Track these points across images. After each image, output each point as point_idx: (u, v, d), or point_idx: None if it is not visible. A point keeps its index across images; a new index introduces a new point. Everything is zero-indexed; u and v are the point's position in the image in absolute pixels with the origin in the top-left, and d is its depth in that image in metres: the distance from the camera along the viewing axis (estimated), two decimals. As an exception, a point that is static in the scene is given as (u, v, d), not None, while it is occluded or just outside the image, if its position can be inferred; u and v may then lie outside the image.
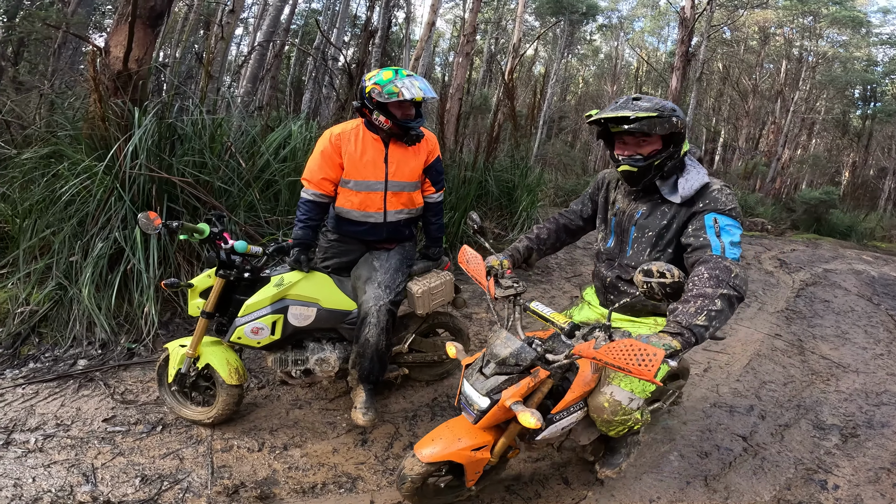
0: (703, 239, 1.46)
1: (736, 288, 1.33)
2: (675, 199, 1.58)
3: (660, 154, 1.54)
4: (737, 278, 1.34)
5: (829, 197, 12.48)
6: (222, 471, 1.95)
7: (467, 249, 1.75)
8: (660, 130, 1.47)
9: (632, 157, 1.55)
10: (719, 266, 1.36)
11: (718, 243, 1.43)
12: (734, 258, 1.40)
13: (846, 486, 2.27)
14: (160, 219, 1.84)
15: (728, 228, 1.46)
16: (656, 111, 1.46)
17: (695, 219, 1.53)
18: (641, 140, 1.54)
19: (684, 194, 1.55)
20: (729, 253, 1.41)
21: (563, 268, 4.98)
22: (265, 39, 8.08)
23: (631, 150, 1.56)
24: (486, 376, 1.47)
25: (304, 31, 16.65)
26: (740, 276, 1.35)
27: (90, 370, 2.44)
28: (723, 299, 1.30)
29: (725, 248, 1.42)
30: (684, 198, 1.55)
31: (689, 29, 8.41)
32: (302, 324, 2.08)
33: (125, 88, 2.89)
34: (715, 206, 1.51)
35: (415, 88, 2.03)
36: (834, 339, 4.09)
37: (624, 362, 1.13)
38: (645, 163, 1.54)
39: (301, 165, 3.47)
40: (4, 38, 7.37)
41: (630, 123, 1.47)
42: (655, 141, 1.54)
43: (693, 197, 1.56)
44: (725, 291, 1.31)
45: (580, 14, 16.67)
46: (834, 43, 17.92)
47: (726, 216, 1.49)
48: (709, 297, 1.29)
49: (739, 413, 2.78)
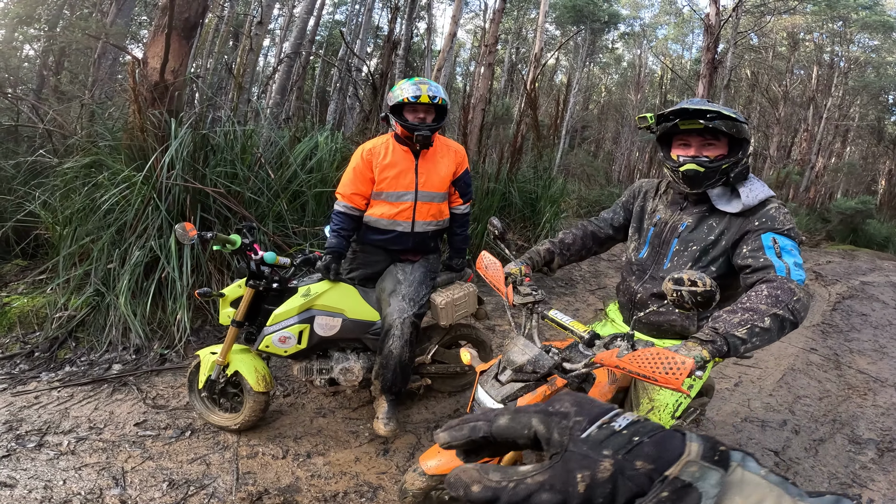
0: (763, 259, 1.36)
1: (794, 312, 1.23)
2: (731, 208, 1.48)
3: (727, 159, 1.46)
4: (798, 302, 1.25)
5: (865, 206, 12.01)
6: (247, 477, 1.98)
7: (486, 255, 1.72)
8: (735, 133, 1.41)
9: (696, 157, 1.47)
10: (783, 287, 1.27)
11: (782, 264, 1.34)
12: (800, 281, 1.30)
13: (881, 500, 2.20)
14: (195, 229, 1.91)
15: (789, 249, 1.37)
16: (734, 113, 1.41)
17: (750, 237, 1.43)
18: (707, 142, 1.47)
19: (747, 202, 1.45)
20: (794, 275, 1.31)
21: (587, 280, 4.92)
22: (293, 51, 8.28)
23: (695, 151, 1.49)
24: (501, 383, 1.43)
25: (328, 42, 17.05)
26: (803, 300, 1.26)
27: (124, 375, 2.51)
28: (774, 319, 1.21)
29: (791, 269, 1.32)
30: (746, 206, 1.45)
31: (715, 36, 8.26)
32: (327, 334, 2.11)
33: (162, 99, 2.97)
34: (773, 224, 1.42)
35: (419, 89, 2.08)
36: (871, 353, 3.95)
37: (650, 370, 1.07)
38: (712, 165, 1.45)
39: (327, 176, 3.54)
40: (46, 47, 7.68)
41: (708, 120, 1.40)
42: (722, 145, 1.47)
43: (751, 210, 1.47)
44: (780, 312, 1.22)
45: (602, 23, 16.60)
46: (865, 48, 17.33)
47: (785, 237, 1.40)
48: (759, 313, 1.21)
49: (772, 427, 2.70)
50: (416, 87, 2.09)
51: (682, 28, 22.30)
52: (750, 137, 1.47)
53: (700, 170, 1.46)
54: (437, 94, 2.11)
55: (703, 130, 1.45)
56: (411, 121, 2.14)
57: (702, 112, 1.41)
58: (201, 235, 1.90)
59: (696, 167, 1.46)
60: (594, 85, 24.33)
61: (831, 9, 15.34)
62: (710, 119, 1.40)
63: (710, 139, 1.47)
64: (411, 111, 2.14)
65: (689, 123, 1.44)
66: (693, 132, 1.48)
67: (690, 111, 1.42)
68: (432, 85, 2.12)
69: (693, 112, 1.42)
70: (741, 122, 1.41)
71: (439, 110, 2.19)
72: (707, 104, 1.43)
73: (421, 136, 2.14)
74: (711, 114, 1.39)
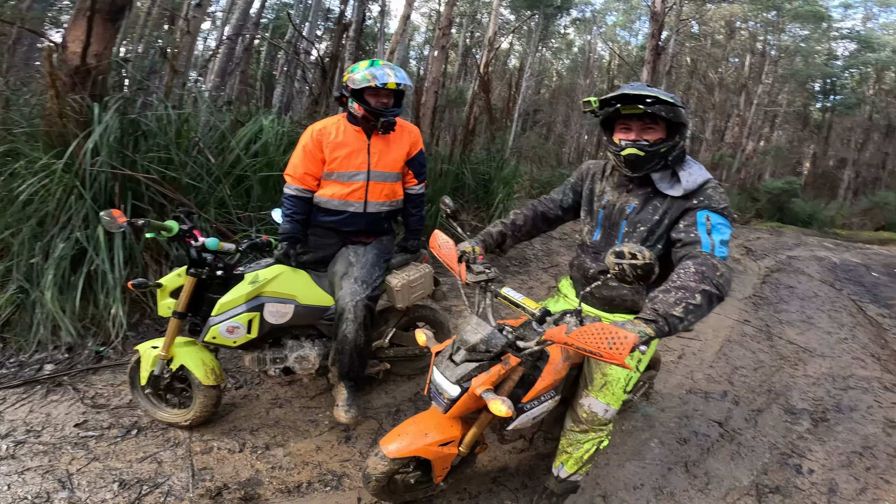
0: (693, 235, 1.45)
1: (718, 287, 1.32)
2: (674, 192, 1.54)
3: (665, 142, 1.51)
4: (721, 277, 1.33)
5: (790, 187, 13.02)
6: (203, 473, 1.91)
7: (439, 234, 1.71)
8: (673, 118, 1.46)
9: (637, 141, 1.52)
10: (707, 263, 1.35)
11: (709, 241, 1.42)
12: (722, 257, 1.40)
13: (820, 470, 2.33)
14: (124, 216, 1.77)
15: (719, 227, 1.45)
16: (672, 98, 1.45)
17: (687, 214, 1.51)
18: (647, 126, 1.52)
19: (688, 187, 1.52)
20: (718, 251, 1.40)
21: (539, 259, 5.03)
22: (234, 33, 7.85)
23: (636, 135, 1.53)
24: (455, 363, 1.43)
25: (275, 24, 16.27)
26: (725, 275, 1.35)
27: (57, 375, 2.35)
28: (703, 295, 1.29)
29: (715, 245, 1.41)
30: (687, 190, 1.52)
31: (660, 23, 8.56)
32: (279, 321, 2.05)
33: (84, 84, 2.78)
34: (709, 203, 1.50)
35: (387, 75, 2.05)
36: (800, 323, 4.24)
37: (595, 346, 1.11)
38: (651, 148, 1.50)
39: (273, 160, 3.41)
40: None
41: (647, 105, 1.44)
42: (661, 129, 1.52)
43: (692, 192, 1.54)
44: (708, 288, 1.30)
45: (554, 7, 16.81)
46: (796, 37, 18.57)
47: (719, 215, 1.48)
48: (690, 291, 1.29)
49: (714, 399, 2.85)
50: (383, 73, 2.05)
51: (630, 15, 22.98)
52: (687, 122, 1.52)
53: (640, 154, 1.51)
54: (403, 80, 2.09)
55: (643, 115, 1.49)
56: (374, 105, 2.10)
57: (641, 97, 1.45)
58: (132, 223, 1.77)
59: (637, 151, 1.51)
60: (546, 69, 24.69)
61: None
62: (649, 104, 1.44)
63: (650, 123, 1.51)
64: (374, 95, 2.10)
65: (630, 108, 1.48)
66: (634, 116, 1.52)
67: (631, 96, 1.46)
68: (398, 70, 2.10)
69: (633, 97, 1.46)
70: (678, 106, 1.46)
71: (399, 95, 2.18)
72: (646, 89, 1.47)
73: (387, 122, 2.12)
74: (650, 98, 1.44)
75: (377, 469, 1.55)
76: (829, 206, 15.15)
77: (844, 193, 18.99)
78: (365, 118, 2.13)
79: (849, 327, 4.24)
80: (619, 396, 1.67)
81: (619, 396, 1.67)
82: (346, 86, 2.12)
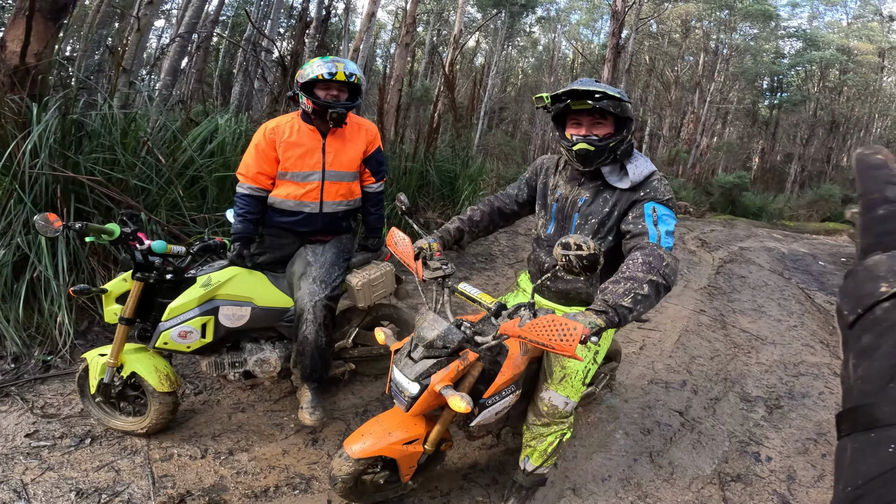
0: (641, 226, 1.49)
1: (665, 277, 1.36)
2: (622, 184, 1.59)
3: (613, 137, 1.56)
4: (667, 267, 1.37)
5: (741, 181, 13.65)
6: (164, 480, 1.86)
7: (396, 232, 1.71)
8: (620, 113, 1.51)
9: (587, 136, 1.56)
10: (653, 254, 1.39)
11: (655, 232, 1.46)
12: (668, 247, 1.44)
13: (778, 457, 2.39)
14: (60, 220, 1.69)
15: (664, 218, 1.50)
16: (618, 93, 1.49)
17: (635, 207, 1.56)
18: (596, 122, 1.56)
19: (634, 179, 1.57)
20: (664, 242, 1.44)
21: (505, 254, 5.10)
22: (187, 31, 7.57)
23: (586, 130, 1.57)
24: (414, 361, 1.44)
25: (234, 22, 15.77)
26: (671, 265, 1.38)
27: (4, 385, 2.24)
28: (651, 285, 1.32)
29: (661, 237, 1.45)
30: (634, 183, 1.57)
31: (620, 22, 8.80)
32: (236, 324, 2.00)
33: (23, 84, 2.68)
34: (655, 195, 1.55)
35: (335, 66, 2.02)
36: (751, 312, 4.38)
37: (546, 338, 1.13)
38: (601, 143, 1.54)
39: (230, 160, 3.32)
40: None
41: (595, 100, 1.48)
42: (609, 124, 1.56)
43: (639, 184, 1.59)
44: (654, 278, 1.33)
45: (520, 6, 17.00)
46: (746, 36, 19.42)
47: (664, 206, 1.53)
48: (638, 281, 1.32)
49: (674, 388, 2.90)
50: (331, 64, 2.03)
51: (593, 14, 23.51)
52: (633, 116, 1.57)
53: (591, 149, 1.55)
54: (353, 72, 2.06)
55: (592, 110, 1.53)
56: (324, 98, 2.06)
57: (590, 93, 1.49)
58: (69, 226, 1.69)
59: (588, 146, 1.55)
60: (512, 67, 24.97)
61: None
62: (597, 99, 1.48)
63: (599, 118, 1.56)
64: (324, 88, 2.06)
65: (580, 104, 1.52)
66: (583, 112, 1.56)
67: (580, 92, 1.50)
68: (348, 63, 2.07)
69: (582, 92, 1.50)
70: (625, 101, 1.51)
71: (354, 89, 2.14)
72: (594, 84, 1.51)
73: (336, 114, 2.07)
74: (599, 94, 1.48)
75: (342, 470, 1.55)
76: (777, 198, 15.91)
77: (791, 187, 20.00)
78: (316, 112, 2.08)
79: (798, 315, 4.40)
80: (578, 389, 1.70)
81: (578, 389, 1.70)
82: (297, 81, 2.09)
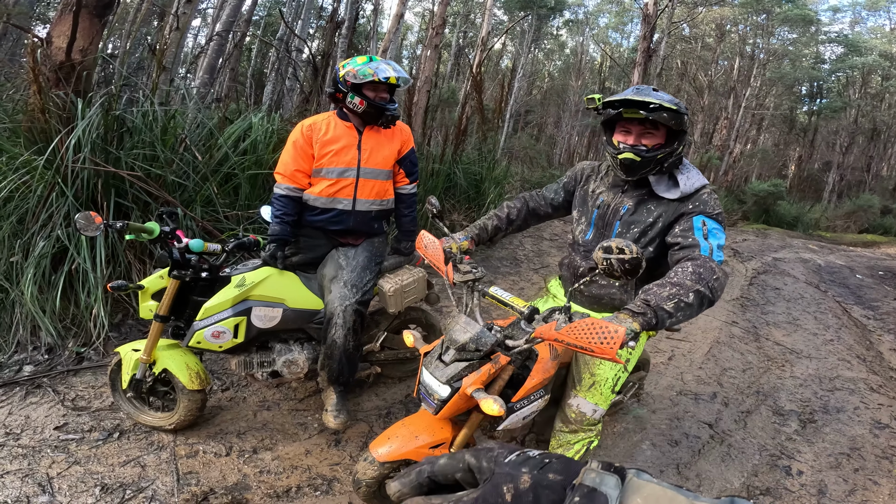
0: (691, 239, 1.46)
1: (712, 290, 1.33)
2: (670, 195, 1.56)
3: (663, 149, 1.52)
4: (717, 281, 1.35)
5: (776, 189, 13.19)
6: (189, 477, 1.87)
7: (426, 234, 1.70)
8: (673, 125, 1.47)
9: (635, 146, 1.53)
10: (705, 266, 1.36)
11: (707, 245, 1.44)
12: (719, 261, 1.42)
13: (809, 471, 2.34)
14: (101, 217, 1.72)
15: (714, 232, 1.48)
16: (676, 105, 1.46)
17: (683, 219, 1.53)
18: (647, 131, 1.53)
19: (685, 191, 1.54)
20: (716, 256, 1.42)
21: (530, 259, 5.03)
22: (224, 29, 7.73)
23: (634, 139, 1.54)
24: (445, 363, 1.41)
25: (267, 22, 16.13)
26: (721, 280, 1.36)
27: (37, 376, 2.29)
28: (696, 295, 1.30)
29: (713, 250, 1.43)
30: (684, 194, 1.54)
31: (652, 25, 8.62)
32: (267, 325, 2.00)
33: (68, 80, 2.74)
34: (704, 208, 1.52)
35: (388, 70, 2.08)
36: (786, 325, 4.27)
37: (586, 341, 1.11)
38: (649, 154, 1.52)
39: (262, 158, 3.36)
40: None
41: (650, 111, 1.45)
42: (660, 135, 1.53)
43: (688, 196, 1.56)
44: (702, 289, 1.31)
45: (548, 9, 16.84)
46: (784, 41, 18.82)
47: (713, 220, 1.50)
48: (685, 289, 1.30)
49: (704, 400, 2.86)
50: (383, 67, 2.08)
51: (622, 17, 23.14)
52: (687, 129, 1.53)
53: (637, 159, 1.52)
54: (402, 75, 2.12)
55: (645, 119, 1.49)
56: (373, 99, 2.11)
57: (645, 103, 1.45)
58: (110, 224, 1.71)
59: (633, 157, 1.52)
60: (538, 70, 24.78)
61: (758, 1, 16.45)
62: (651, 110, 1.44)
63: (650, 128, 1.52)
64: (373, 90, 2.11)
65: (632, 112, 1.49)
66: (635, 121, 1.53)
67: (634, 102, 1.46)
68: (396, 66, 2.14)
69: (637, 102, 1.46)
70: (682, 113, 1.47)
71: (392, 90, 2.20)
72: (652, 95, 1.47)
73: (391, 115, 2.15)
74: (654, 105, 1.44)
75: (367, 474, 1.52)
76: (813, 208, 15.39)
77: (829, 196, 19.30)
78: (366, 113, 2.13)
79: (834, 329, 4.27)
80: (607, 396, 1.67)
81: (607, 396, 1.67)
82: (343, 80, 2.11)
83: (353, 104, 2.12)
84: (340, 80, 2.12)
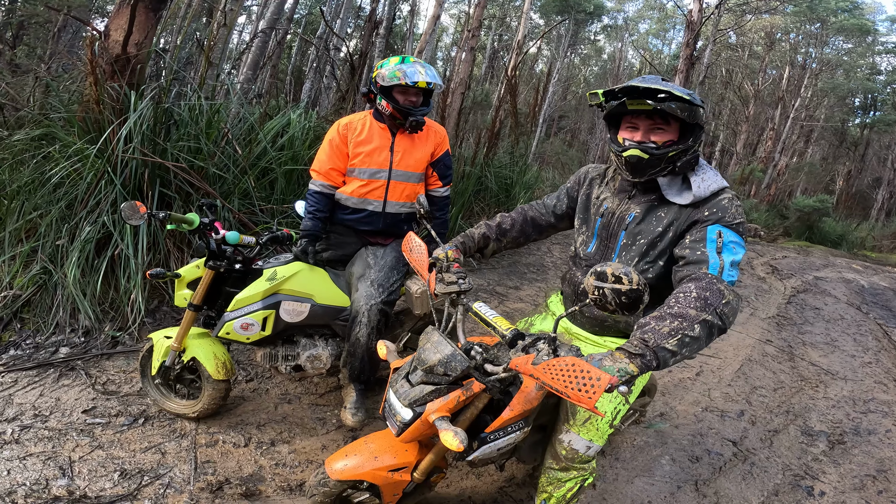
0: (700, 253, 1.25)
1: (722, 317, 1.13)
2: (682, 199, 1.35)
3: (676, 145, 1.31)
4: (727, 306, 1.15)
5: (822, 205, 12.55)
6: (206, 466, 1.91)
7: (412, 237, 1.55)
8: (688, 118, 1.25)
9: (642, 143, 1.32)
10: (712, 288, 1.16)
11: (718, 261, 1.22)
12: (730, 282, 1.21)
13: (832, 492, 2.28)
14: (145, 207, 1.78)
15: (731, 246, 1.26)
16: (689, 95, 1.24)
17: (696, 228, 1.31)
18: (657, 126, 1.32)
19: (699, 194, 1.32)
20: (726, 275, 1.21)
21: (558, 266, 4.95)
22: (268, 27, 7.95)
23: (642, 135, 1.33)
24: (411, 384, 1.29)
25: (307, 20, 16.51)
26: (731, 304, 1.16)
27: (71, 358, 2.38)
28: (703, 326, 1.10)
29: (724, 268, 1.22)
30: (697, 198, 1.33)
31: (696, 32, 8.36)
32: (294, 320, 2.04)
33: (122, 72, 2.84)
34: (723, 216, 1.29)
35: (418, 73, 2.02)
36: (823, 346, 4.12)
37: (562, 384, 0.94)
38: (658, 151, 1.30)
39: (298, 154, 3.43)
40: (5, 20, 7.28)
41: (658, 101, 1.24)
42: (672, 130, 1.32)
43: (703, 200, 1.34)
44: (709, 318, 1.11)
45: (586, 13, 16.62)
46: (839, 50, 17.96)
47: (732, 231, 1.28)
48: (689, 320, 1.10)
49: (730, 418, 2.79)
50: (414, 69, 2.02)
51: (664, 23, 22.57)
52: (703, 123, 1.33)
53: (644, 157, 1.31)
54: (434, 80, 2.05)
55: (653, 112, 1.29)
56: (402, 103, 2.07)
57: (652, 91, 1.25)
58: (153, 214, 1.77)
59: (640, 154, 1.31)
60: (574, 76, 24.43)
61: (811, 10, 15.75)
62: (660, 100, 1.24)
63: (661, 122, 1.32)
64: (402, 93, 2.07)
65: (638, 104, 1.28)
66: (642, 113, 1.32)
67: (640, 90, 1.26)
68: (429, 69, 2.07)
69: (643, 91, 1.26)
70: (696, 104, 1.26)
71: (428, 94, 2.15)
72: (659, 83, 1.27)
73: (415, 121, 2.09)
74: (663, 94, 1.24)
75: (319, 490, 1.44)
76: (860, 226, 14.59)
77: (877, 214, 18.29)
78: (392, 116, 2.11)
79: (873, 351, 4.11)
80: (604, 432, 1.48)
81: (604, 432, 1.48)
82: (374, 82, 2.10)
83: (381, 106, 2.11)
84: (372, 81, 2.12)
